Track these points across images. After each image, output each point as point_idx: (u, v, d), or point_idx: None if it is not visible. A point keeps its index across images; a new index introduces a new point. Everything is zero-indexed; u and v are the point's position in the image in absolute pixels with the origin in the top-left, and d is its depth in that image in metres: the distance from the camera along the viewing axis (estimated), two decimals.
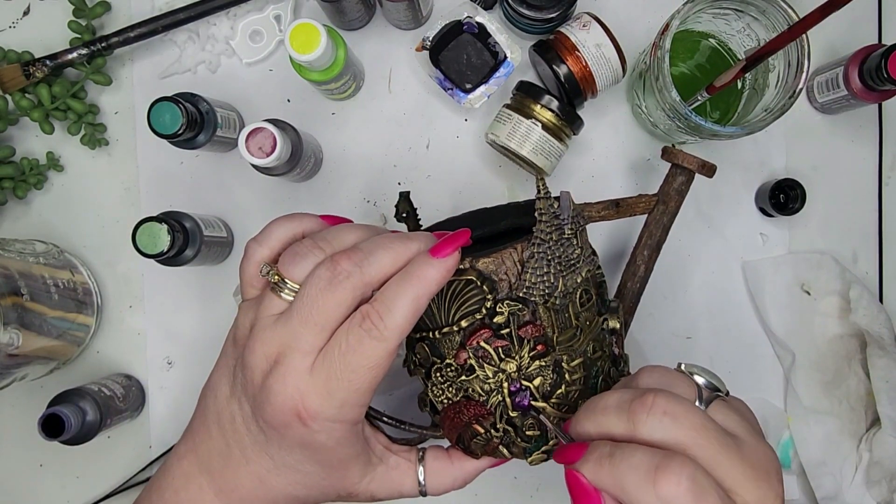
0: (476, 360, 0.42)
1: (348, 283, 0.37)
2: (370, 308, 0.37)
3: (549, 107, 0.57)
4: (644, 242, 0.54)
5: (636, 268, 0.54)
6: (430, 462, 0.45)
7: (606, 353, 0.46)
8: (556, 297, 0.42)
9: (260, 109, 0.64)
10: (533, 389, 0.43)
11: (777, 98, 0.53)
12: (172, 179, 0.64)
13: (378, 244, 0.39)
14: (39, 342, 0.56)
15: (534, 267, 0.42)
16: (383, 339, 0.37)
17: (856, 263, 0.64)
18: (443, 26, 0.59)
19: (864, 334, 0.61)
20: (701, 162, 0.52)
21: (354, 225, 0.41)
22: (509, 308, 0.42)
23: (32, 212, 0.64)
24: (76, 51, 0.60)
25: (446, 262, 0.38)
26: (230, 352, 0.42)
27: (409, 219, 0.52)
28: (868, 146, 0.64)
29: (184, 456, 0.42)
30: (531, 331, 0.42)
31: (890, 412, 0.59)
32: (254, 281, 0.41)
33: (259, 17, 0.63)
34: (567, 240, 0.43)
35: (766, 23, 0.53)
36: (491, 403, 0.43)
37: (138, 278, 0.64)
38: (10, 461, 0.64)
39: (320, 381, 0.37)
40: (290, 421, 0.38)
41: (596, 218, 0.51)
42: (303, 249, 0.39)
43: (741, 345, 0.64)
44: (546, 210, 0.42)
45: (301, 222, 0.42)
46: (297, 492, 0.41)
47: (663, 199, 0.53)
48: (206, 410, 0.42)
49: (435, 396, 0.45)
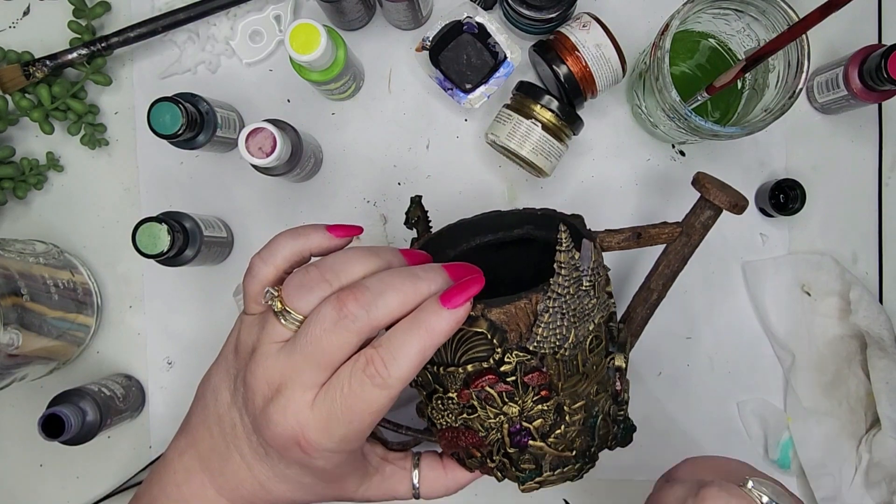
0: (479, 401, 0.42)
1: (354, 326, 0.36)
2: (375, 354, 0.36)
3: (549, 107, 0.57)
4: (661, 271, 0.50)
5: (649, 294, 0.51)
6: (425, 470, 0.46)
7: (609, 392, 0.45)
8: (567, 349, 0.41)
9: (260, 109, 0.64)
10: (532, 430, 0.42)
11: (777, 98, 0.53)
12: (172, 179, 0.64)
13: (387, 285, 0.37)
14: (39, 342, 0.56)
15: (546, 322, 0.40)
16: (386, 386, 0.36)
17: (856, 264, 0.64)
18: (443, 26, 0.59)
19: (865, 335, 0.61)
20: (733, 201, 0.48)
21: (363, 253, 0.39)
22: (517, 358, 0.40)
23: (32, 212, 0.64)
24: (76, 51, 0.60)
25: (457, 313, 0.37)
26: (231, 360, 0.42)
27: (419, 224, 0.51)
28: (868, 146, 0.64)
29: (185, 451, 0.42)
30: (537, 378, 0.41)
31: (890, 413, 0.59)
32: (258, 298, 0.41)
33: (259, 18, 0.63)
34: (584, 291, 0.41)
35: (765, 23, 0.53)
36: (490, 440, 0.43)
37: (138, 278, 0.64)
38: (10, 461, 0.64)
39: (321, 417, 0.37)
40: (289, 447, 0.38)
41: (615, 248, 0.48)
42: (308, 282, 0.38)
43: (741, 345, 0.64)
44: (566, 264, 0.39)
45: (308, 239, 0.41)
46: (297, 497, 0.42)
47: (687, 231, 0.49)
48: (206, 409, 0.42)
49: (434, 417, 0.44)
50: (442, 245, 0.50)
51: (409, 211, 0.51)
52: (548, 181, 0.64)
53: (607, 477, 0.64)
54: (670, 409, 0.64)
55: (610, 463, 0.64)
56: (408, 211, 0.51)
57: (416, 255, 0.42)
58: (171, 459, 0.43)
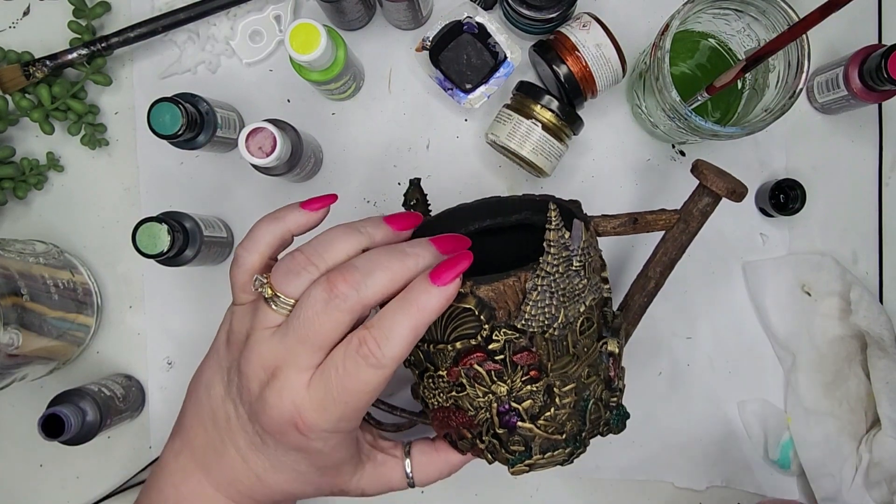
0: (468, 379, 0.42)
1: (345, 305, 0.37)
2: (368, 334, 0.37)
3: (549, 107, 0.57)
4: (658, 258, 0.50)
5: (647, 282, 0.50)
6: (417, 456, 0.46)
7: (601, 377, 0.45)
8: (556, 329, 0.41)
9: (260, 109, 0.64)
10: (521, 411, 0.42)
11: (777, 98, 0.53)
12: (172, 179, 0.64)
13: (376, 263, 0.38)
14: (39, 342, 0.56)
15: (535, 300, 0.40)
16: (380, 366, 0.37)
17: (856, 264, 0.64)
18: (443, 26, 0.59)
19: (865, 335, 0.61)
20: (731, 188, 0.47)
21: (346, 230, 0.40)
22: (506, 336, 0.41)
23: (32, 212, 0.64)
24: (76, 51, 0.60)
25: (447, 290, 0.37)
26: (223, 352, 0.42)
27: (418, 206, 0.51)
28: (868, 146, 0.64)
29: (180, 451, 0.42)
30: (526, 357, 0.41)
31: (890, 413, 0.59)
32: (246, 287, 0.41)
33: (259, 18, 0.63)
34: (574, 271, 0.41)
35: (766, 23, 0.53)
36: (479, 419, 0.43)
37: (138, 278, 0.64)
38: (10, 461, 0.64)
39: (317, 398, 0.37)
40: (287, 430, 0.38)
41: (610, 233, 0.48)
42: (295, 266, 0.38)
43: (741, 345, 0.64)
44: (556, 242, 0.40)
45: (285, 220, 0.41)
46: (294, 489, 0.42)
47: (685, 219, 0.49)
48: (199, 406, 0.42)
49: (426, 396, 0.45)
50: (440, 229, 0.50)
51: (407, 192, 0.51)
52: (548, 181, 0.64)
53: (607, 477, 0.64)
54: (670, 409, 0.64)
55: (610, 463, 0.64)
56: (406, 192, 0.51)
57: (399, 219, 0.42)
58: (166, 462, 0.43)
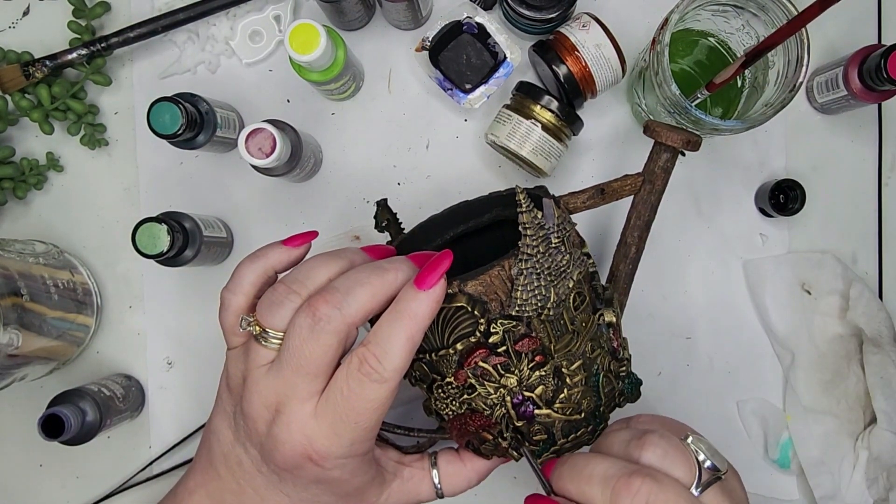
0: (476, 378, 0.42)
1: (330, 327, 0.36)
2: (366, 351, 0.37)
3: (549, 107, 0.57)
4: (633, 223, 0.51)
5: (627, 249, 0.51)
6: (444, 466, 0.45)
7: (605, 349, 0.45)
8: (550, 308, 0.41)
9: (260, 109, 0.64)
10: (535, 398, 0.42)
11: (777, 93, 0.53)
12: (172, 179, 0.64)
13: (354, 281, 0.38)
14: (39, 342, 0.56)
15: (523, 284, 0.40)
16: (384, 380, 0.37)
17: (855, 263, 0.64)
18: (443, 26, 0.59)
19: (861, 333, 0.61)
20: (686, 138, 0.49)
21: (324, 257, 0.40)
22: (503, 326, 0.41)
23: (32, 212, 0.64)
24: (76, 51, 0.60)
25: (434, 293, 0.37)
26: (226, 398, 0.42)
27: (390, 227, 0.51)
28: (868, 146, 0.64)
29: (195, 490, 0.42)
30: (528, 344, 0.41)
31: (885, 407, 0.59)
32: (235, 330, 0.41)
33: (259, 18, 0.63)
34: (555, 248, 0.41)
35: (765, 19, 0.53)
36: (496, 416, 0.43)
37: (138, 278, 0.64)
38: (10, 461, 0.64)
39: (326, 424, 0.37)
40: (302, 463, 0.38)
41: (581, 208, 0.49)
42: (277, 297, 0.38)
43: (741, 345, 0.64)
44: (530, 223, 0.40)
45: (267, 258, 0.41)
46: None
47: (649, 179, 0.50)
48: (210, 452, 0.42)
49: (439, 408, 0.44)
50: (417, 244, 0.50)
51: (376, 215, 0.51)
52: (548, 181, 0.64)
53: None
54: (670, 409, 0.64)
55: None
56: (375, 215, 0.51)
57: (378, 250, 0.42)
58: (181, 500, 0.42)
